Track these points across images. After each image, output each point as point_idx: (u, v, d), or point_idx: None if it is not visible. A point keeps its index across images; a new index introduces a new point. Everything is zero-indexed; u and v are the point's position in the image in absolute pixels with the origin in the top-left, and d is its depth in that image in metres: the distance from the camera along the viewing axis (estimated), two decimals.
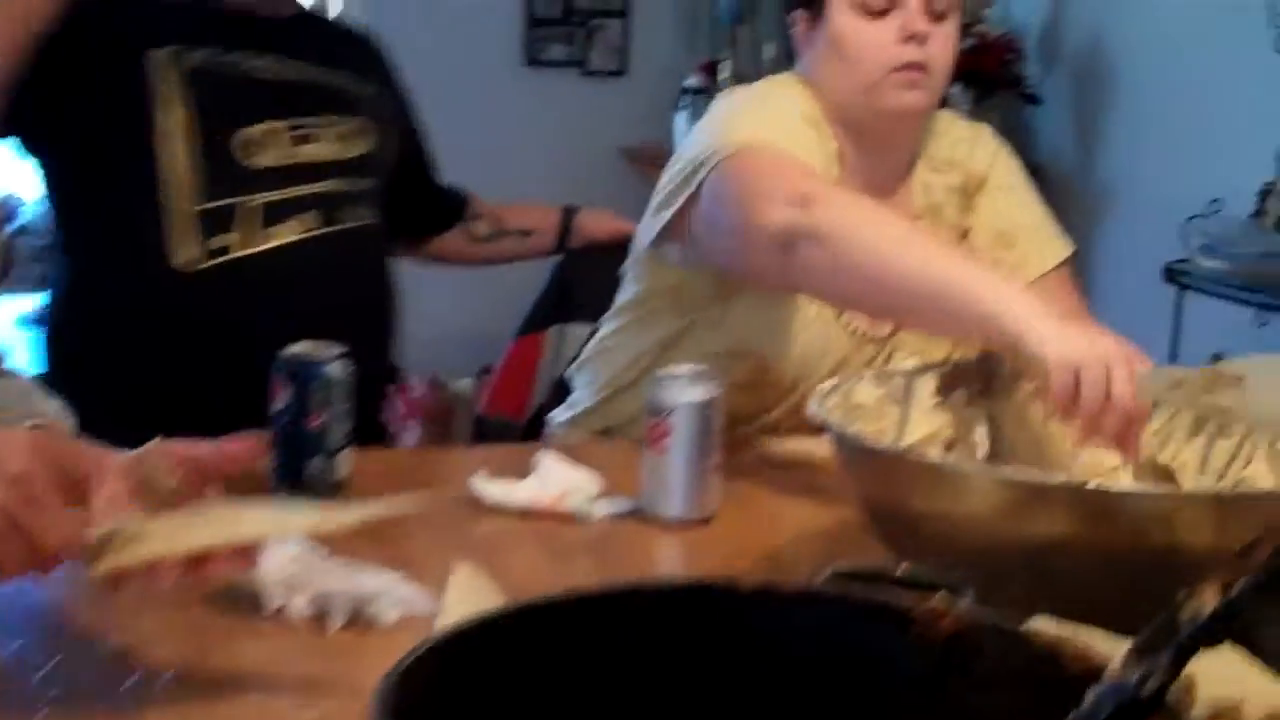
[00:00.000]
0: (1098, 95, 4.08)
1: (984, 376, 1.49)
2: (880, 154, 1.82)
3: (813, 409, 1.28)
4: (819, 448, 1.66)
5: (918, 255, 1.45)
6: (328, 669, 1.11)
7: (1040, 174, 3.75)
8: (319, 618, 1.19)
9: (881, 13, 1.74)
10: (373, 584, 1.19)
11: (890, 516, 1.24)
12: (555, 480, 1.50)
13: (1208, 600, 0.69)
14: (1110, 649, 0.81)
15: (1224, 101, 3.59)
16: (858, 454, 1.25)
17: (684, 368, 1.50)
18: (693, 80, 4.55)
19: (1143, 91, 3.91)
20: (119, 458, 1.02)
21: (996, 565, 1.15)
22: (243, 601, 1.20)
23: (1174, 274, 3.30)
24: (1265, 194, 3.38)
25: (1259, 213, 3.39)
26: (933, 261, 1.44)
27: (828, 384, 1.35)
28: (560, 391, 2.15)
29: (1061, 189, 3.90)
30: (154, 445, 1.04)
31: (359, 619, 1.19)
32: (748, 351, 1.77)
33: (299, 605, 1.19)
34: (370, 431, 1.79)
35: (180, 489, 1.03)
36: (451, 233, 2.28)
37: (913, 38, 1.72)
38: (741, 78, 4.40)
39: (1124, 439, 1.30)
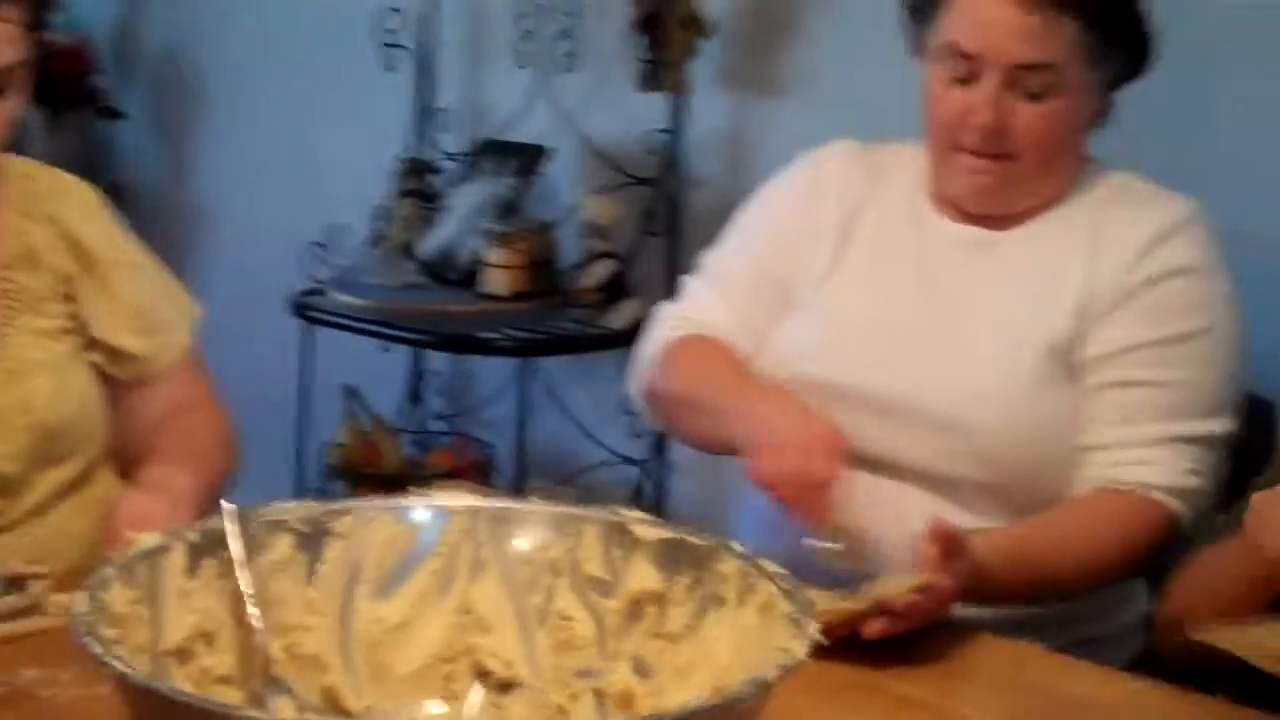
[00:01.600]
0: (185, 110, 3.80)
1: (234, 537, 1.17)
2: None
3: (86, 646, 0.94)
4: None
5: None
6: None
7: (125, 193, 3.45)
8: None
9: None
10: None
11: None
12: None
13: None
14: None
15: (333, 120, 3.43)
16: (131, 693, 0.92)
17: None
18: None
19: (240, 107, 3.67)
20: None
21: None
22: None
23: (301, 307, 3.07)
24: (383, 217, 3.24)
25: (378, 238, 3.24)
26: None
27: (78, 598, 0.99)
28: None
29: (152, 210, 3.59)
30: None
31: None
32: None
33: None
34: None
35: None
36: None
37: None
38: None
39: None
